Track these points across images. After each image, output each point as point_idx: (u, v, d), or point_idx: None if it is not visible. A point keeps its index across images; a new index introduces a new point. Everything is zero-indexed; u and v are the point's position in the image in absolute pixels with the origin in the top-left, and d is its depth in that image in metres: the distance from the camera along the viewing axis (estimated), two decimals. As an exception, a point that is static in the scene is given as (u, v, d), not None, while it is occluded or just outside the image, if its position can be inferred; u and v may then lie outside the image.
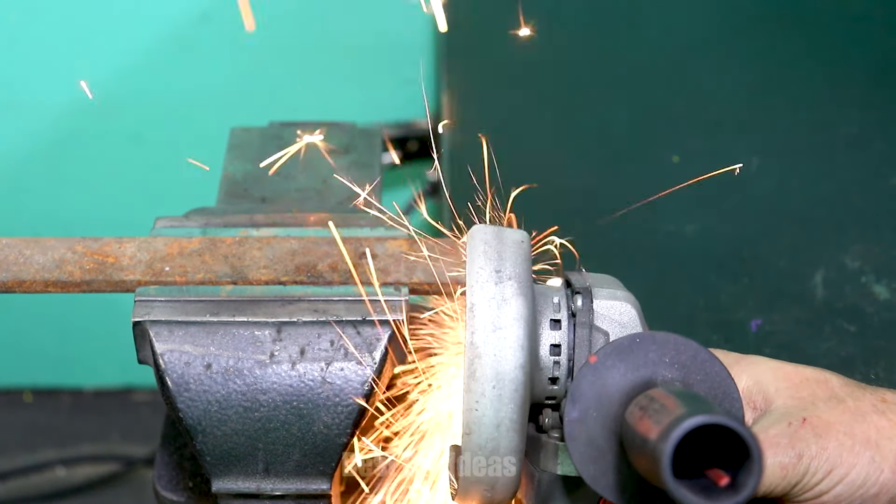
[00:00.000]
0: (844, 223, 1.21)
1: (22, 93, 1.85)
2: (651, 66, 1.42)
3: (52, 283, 0.84)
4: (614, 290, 0.79)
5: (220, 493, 0.81)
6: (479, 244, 0.75)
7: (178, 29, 1.80)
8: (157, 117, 1.87)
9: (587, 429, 0.72)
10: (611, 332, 0.78)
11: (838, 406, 0.78)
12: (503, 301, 0.73)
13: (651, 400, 0.69)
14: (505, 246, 0.76)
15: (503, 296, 0.74)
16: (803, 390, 0.79)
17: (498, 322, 0.73)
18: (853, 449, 0.75)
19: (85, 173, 1.93)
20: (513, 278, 0.74)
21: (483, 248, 0.75)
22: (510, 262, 0.75)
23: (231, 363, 0.79)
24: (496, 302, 0.74)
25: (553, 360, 0.77)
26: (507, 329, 0.73)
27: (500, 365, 0.73)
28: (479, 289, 0.74)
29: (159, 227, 0.89)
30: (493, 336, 0.73)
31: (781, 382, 0.80)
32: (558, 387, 0.77)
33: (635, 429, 0.68)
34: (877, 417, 0.77)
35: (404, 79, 1.84)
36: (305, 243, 0.86)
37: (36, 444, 2.11)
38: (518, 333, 0.73)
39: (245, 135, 1.04)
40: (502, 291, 0.74)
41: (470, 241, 0.76)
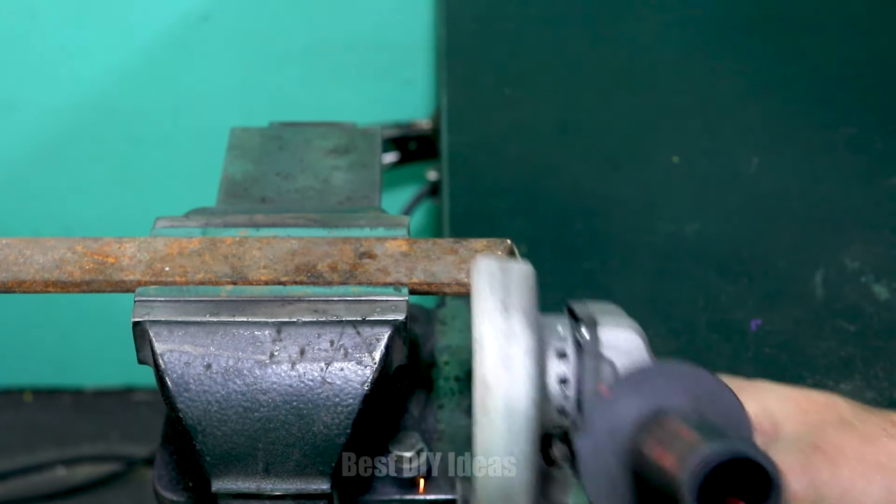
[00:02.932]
0: (844, 223, 1.21)
1: (22, 93, 1.85)
2: (651, 66, 1.42)
3: (51, 283, 0.84)
4: (618, 318, 0.78)
5: (220, 493, 0.81)
6: (485, 276, 0.74)
7: (178, 29, 1.80)
8: (156, 117, 1.87)
9: (601, 462, 0.71)
10: (617, 361, 0.77)
11: (848, 431, 0.77)
12: (512, 334, 0.73)
13: (667, 430, 0.68)
14: (510, 278, 0.75)
15: (511, 329, 0.73)
16: (812, 415, 0.78)
17: (507, 355, 0.72)
18: (865, 475, 0.74)
19: (85, 173, 1.93)
20: (520, 310, 0.73)
21: (489, 280, 0.74)
22: (516, 295, 0.74)
23: (231, 363, 0.79)
24: (504, 335, 0.73)
25: (561, 391, 0.76)
26: (517, 362, 0.72)
27: (511, 399, 0.71)
28: (487, 321, 0.73)
29: (159, 227, 0.89)
30: (504, 370, 0.72)
31: (790, 407, 0.79)
32: (567, 418, 0.77)
33: (651, 460, 0.68)
34: (887, 440, 0.76)
35: (404, 79, 1.84)
36: (305, 243, 0.86)
37: (36, 444, 2.11)
38: (528, 367, 0.72)
39: (245, 135, 1.04)
40: (510, 324, 0.73)
41: (475, 273, 0.74)
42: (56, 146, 1.90)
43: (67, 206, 1.95)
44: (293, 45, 1.82)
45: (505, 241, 0.88)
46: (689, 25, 1.48)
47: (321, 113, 1.57)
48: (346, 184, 0.98)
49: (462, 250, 0.86)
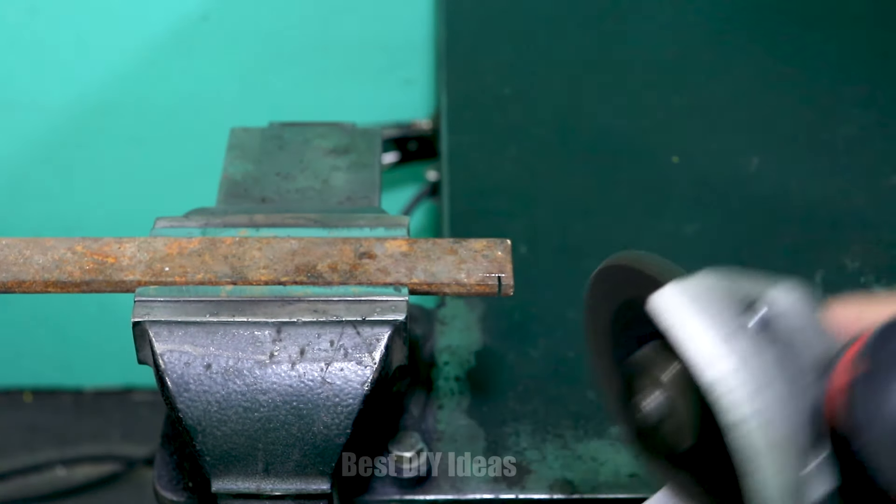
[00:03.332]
0: (844, 223, 1.21)
1: (22, 93, 1.85)
2: (651, 66, 1.42)
3: (51, 283, 0.84)
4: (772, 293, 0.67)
5: (220, 493, 0.81)
6: (679, 307, 0.62)
7: (178, 29, 1.80)
8: (156, 117, 1.87)
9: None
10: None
11: None
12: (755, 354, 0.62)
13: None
14: (708, 295, 0.63)
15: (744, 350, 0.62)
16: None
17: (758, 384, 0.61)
18: None
19: (85, 173, 1.93)
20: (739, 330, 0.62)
21: (688, 308, 0.62)
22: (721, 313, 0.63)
23: (231, 363, 0.79)
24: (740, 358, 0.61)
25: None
26: (770, 386, 0.61)
27: (774, 432, 0.60)
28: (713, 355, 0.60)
29: (159, 228, 0.89)
30: (759, 399, 0.61)
31: None
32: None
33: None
34: None
35: (404, 79, 1.84)
36: (305, 243, 0.86)
37: (36, 445, 2.11)
38: (782, 388, 0.61)
39: (245, 135, 1.04)
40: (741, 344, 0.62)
41: (666, 312, 0.63)
42: (56, 146, 1.90)
43: (67, 206, 1.95)
44: (293, 45, 1.82)
45: (505, 241, 0.88)
46: (689, 25, 1.48)
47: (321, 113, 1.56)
48: (346, 184, 0.98)
49: (462, 250, 0.86)
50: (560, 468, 0.97)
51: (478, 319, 1.10)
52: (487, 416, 1.01)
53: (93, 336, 2.11)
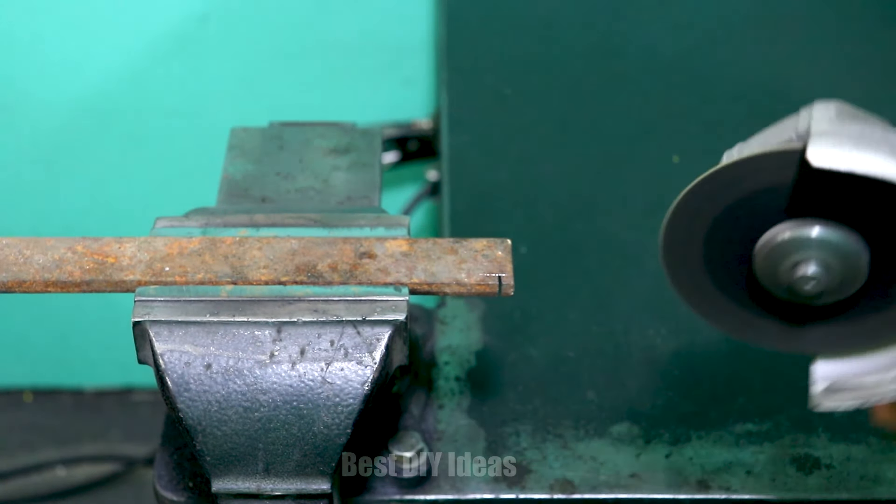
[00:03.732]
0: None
1: (22, 93, 1.85)
2: (651, 66, 1.42)
3: (51, 283, 0.84)
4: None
5: (220, 493, 0.81)
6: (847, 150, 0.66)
7: (177, 29, 1.80)
8: (157, 117, 1.87)
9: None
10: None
11: None
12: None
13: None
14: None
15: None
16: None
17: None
18: None
19: (85, 173, 1.93)
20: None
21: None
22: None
23: (231, 363, 0.79)
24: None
25: None
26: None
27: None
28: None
29: (159, 227, 0.89)
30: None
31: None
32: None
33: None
34: None
35: (404, 78, 1.84)
36: (305, 243, 0.86)
37: (36, 445, 2.11)
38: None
39: (245, 135, 1.04)
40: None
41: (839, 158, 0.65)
42: (56, 146, 1.90)
43: (67, 206, 1.95)
44: (293, 44, 1.82)
45: (505, 241, 0.88)
46: (689, 25, 1.48)
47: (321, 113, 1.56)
48: (346, 184, 0.98)
49: (462, 250, 0.86)
50: (560, 468, 0.97)
51: (478, 319, 1.10)
52: (487, 416, 1.01)
53: (93, 336, 2.11)
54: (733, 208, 0.72)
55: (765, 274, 0.73)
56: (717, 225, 0.73)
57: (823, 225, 0.69)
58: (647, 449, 0.99)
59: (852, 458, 0.98)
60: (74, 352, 2.15)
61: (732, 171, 0.71)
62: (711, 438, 1.00)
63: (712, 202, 0.73)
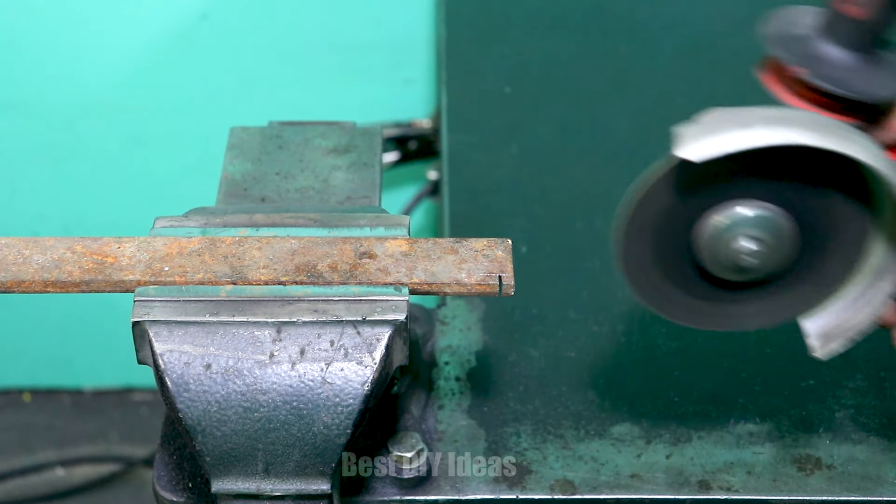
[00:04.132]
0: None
1: (22, 93, 1.85)
2: (651, 66, 1.42)
3: (51, 283, 0.84)
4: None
5: (220, 493, 0.81)
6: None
7: (177, 28, 1.80)
8: (156, 117, 1.87)
9: None
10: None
11: None
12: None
13: None
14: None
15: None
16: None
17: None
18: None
19: (85, 173, 1.93)
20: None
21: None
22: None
23: (231, 363, 0.79)
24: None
25: None
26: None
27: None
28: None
29: (159, 227, 0.89)
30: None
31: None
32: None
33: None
34: None
35: (404, 78, 1.84)
36: (305, 243, 0.86)
37: (35, 445, 2.11)
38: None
39: (245, 134, 1.03)
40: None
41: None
42: (56, 146, 1.90)
43: (67, 206, 1.95)
44: (293, 44, 1.82)
45: (505, 240, 0.88)
46: (689, 25, 1.48)
47: (321, 112, 1.56)
48: (346, 183, 0.98)
49: (462, 250, 0.86)
50: (560, 468, 0.97)
51: (478, 319, 1.10)
52: (488, 417, 1.01)
53: (92, 336, 2.11)
54: (670, 209, 0.80)
55: (710, 259, 0.80)
56: (659, 227, 0.81)
57: (749, 205, 0.77)
58: (648, 449, 0.99)
59: (853, 458, 0.98)
60: (73, 352, 2.15)
61: (646, 198, 0.81)
62: (712, 438, 0.99)
63: (650, 211, 0.81)
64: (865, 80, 0.76)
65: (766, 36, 0.79)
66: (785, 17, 0.81)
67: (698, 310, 0.85)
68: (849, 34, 0.76)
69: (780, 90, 0.78)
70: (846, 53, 0.76)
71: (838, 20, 0.76)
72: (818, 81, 0.76)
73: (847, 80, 0.76)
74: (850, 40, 0.76)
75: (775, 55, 0.78)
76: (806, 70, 0.76)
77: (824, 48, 0.77)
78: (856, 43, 0.76)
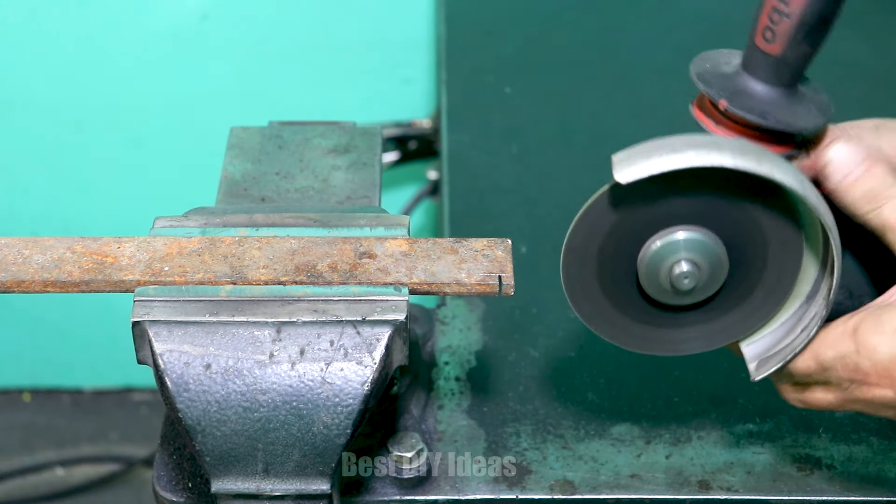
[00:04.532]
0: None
1: (22, 93, 1.85)
2: (651, 66, 1.42)
3: (50, 283, 0.83)
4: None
5: (220, 493, 0.81)
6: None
7: (177, 28, 1.80)
8: (156, 117, 1.87)
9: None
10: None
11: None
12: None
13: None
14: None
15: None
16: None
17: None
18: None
19: (84, 173, 1.93)
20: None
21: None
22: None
23: (230, 363, 0.79)
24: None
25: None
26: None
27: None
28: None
29: (158, 227, 0.89)
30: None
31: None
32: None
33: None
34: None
35: (404, 78, 1.84)
36: (305, 243, 0.86)
37: (34, 445, 2.11)
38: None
39: (245, 134, 1.03)
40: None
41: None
42: (56, 146, 1.90)
43: (67, 206, 1.95)
44: (293, 44, 1.82)
45: (505, 240, 0.88)
46: (689, 25, 1.48)
47: (321, 112, 1.56)
48: (346, 183, 0.98)
49: (462, 250, 0.86)
50: (560, 468, 0.97)
51: (478, 319, 1.10)
52: (488, 417, 1.01)
53: (92, 336, 2.11)
54: (611, 234, 0.82)
55: (649, 282, 0.83)
56: (602, 253, 0.83)
57: (685, 229, 0.81)
58: (648, 449, 0.99)
59: (853, 458, 0.98)
60: (73, 352, 2.15)
61: (585, 221, 0.83)
62: (712, 438, 0.99)
63: (592, 236, 0.83)
64: (786, 113, 0.80)
65: (694, 74, 0.81)
66: (712, 57, 0.84)
67: (640, 334, 0.87)
68: (767, 69, 0.80)
69: (710, 125, 0.81)
70: (767, 88, 0.80)
71: (757, 56, 0.80)
72: (740, 112, 0.79)
73: (768, 112, 0.79)
74: (768, 75, 0.80)
75: (702, 91, 0.80)
76: (725, 102, 0.79)
77: (747, 83, 0.80)
78: (774, 78, 0.80)
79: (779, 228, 0.81)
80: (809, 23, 0.77)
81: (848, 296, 0.85)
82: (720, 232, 0.81)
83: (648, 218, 0.81)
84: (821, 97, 0.82)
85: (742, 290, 0.84)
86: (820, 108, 0.81)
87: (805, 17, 0.77)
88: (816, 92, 0.82)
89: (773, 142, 0.81)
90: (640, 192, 0.80)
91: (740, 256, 0.82)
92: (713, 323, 0.86)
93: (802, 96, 0.81)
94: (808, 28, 0.78)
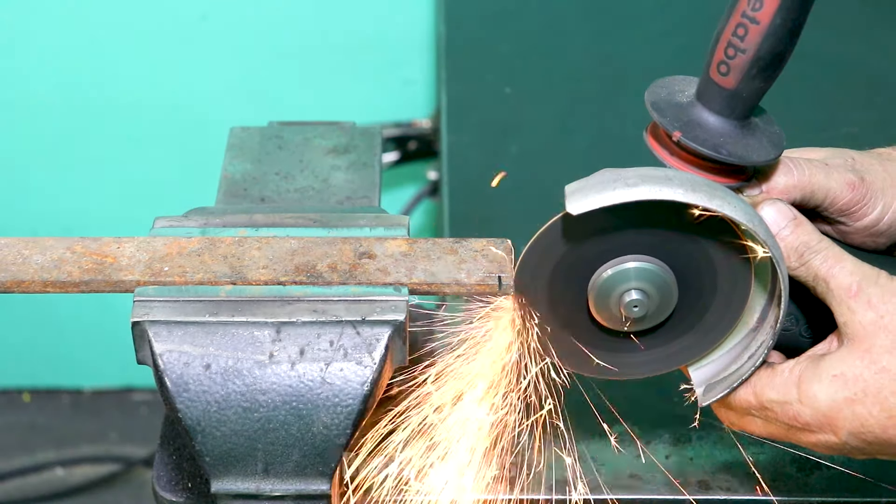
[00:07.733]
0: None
1: (21, 93, 1.85)
2: (651, 66, 1.42)
3: (50, 283, 0.83)
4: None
5: (220, 493, 0.81)
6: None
7: (177, 28, 1.80)
8: (156, 117, 1.87)
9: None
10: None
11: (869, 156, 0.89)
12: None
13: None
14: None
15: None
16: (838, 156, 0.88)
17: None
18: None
19: (84, 173, 1.93)
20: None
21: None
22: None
23: (230, 363, 0.79)
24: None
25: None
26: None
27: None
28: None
29: (158, 227, 0.89)
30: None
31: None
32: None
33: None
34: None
35: (404, 78, 1.84)
36: (305, 243, 0.86)
37: (35, 445, 2.11)
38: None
39: (244, 134, 1.03)
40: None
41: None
42: (55, 146, 1.90)
43: (66, 206, 1.95)
44: (293, 44, 1.82)
45: (505, 241, 0.88)
46: (688, 25, 1.48)
47: (321, 112, 1.56)
48: (346, 183, 0.98)
49: (462, 250, 0.86)
50: (561, 468, 0.97)
51: (478, 319, 1.09)
52: (487, 417, 1.01)
53: (92, 336, 2.11)
54: (562, 262, 0.83)
55: (599, 309, 0.84)
56: (553, 280, 0.84)
57: (636, 259, 0.82)
58: (648, 449, 0.98)
59: (853, 458, 0.98)
60: (73, 352, 2.15)
61: (536, 250, 0.84)
62: (712, 439, 0.99)
63: (543, 266, 0.84)
64: (739, 146, 0.80)
65: (649, 103, 0.82)
66: (667, 84, 0.84)
67: (589, 359, 0.88)
68: (721, 102, 0.80)
69: (664, 154, 0.81)
70: (720, 120, 0.80)
71: (711, 88, 0.80)
72: (693, 144, 0.79)
73: (721, 145, 0.80)
74: (722, 108, 0.80)
75: (655, 120, 0.80)
76: (679, 133, 0.80)
77: (701, 114, 0.81)
78: (727, 110, 0.80)
79: (728, 259, 0.82)
80: (765, 59, 0.78)
81: (794, 322, 0.86)
82: (670, 262, 0.82)
83: (600, 247, 0.82)
84: (773, 129, 0.83)
85: (692, 317, 0.85)
86: (772, 140, 0.81)
87: (760, 53, 0.78)
88: (769, 123, 0.83)
89: (726, 173, 0.82)
90: (592, 222, 0.80)
91: (690, 284, 0.83)
92: (663, 349, 0.86)
93: (756, 128, 0.82)
94: (762, 64, 0.78)
